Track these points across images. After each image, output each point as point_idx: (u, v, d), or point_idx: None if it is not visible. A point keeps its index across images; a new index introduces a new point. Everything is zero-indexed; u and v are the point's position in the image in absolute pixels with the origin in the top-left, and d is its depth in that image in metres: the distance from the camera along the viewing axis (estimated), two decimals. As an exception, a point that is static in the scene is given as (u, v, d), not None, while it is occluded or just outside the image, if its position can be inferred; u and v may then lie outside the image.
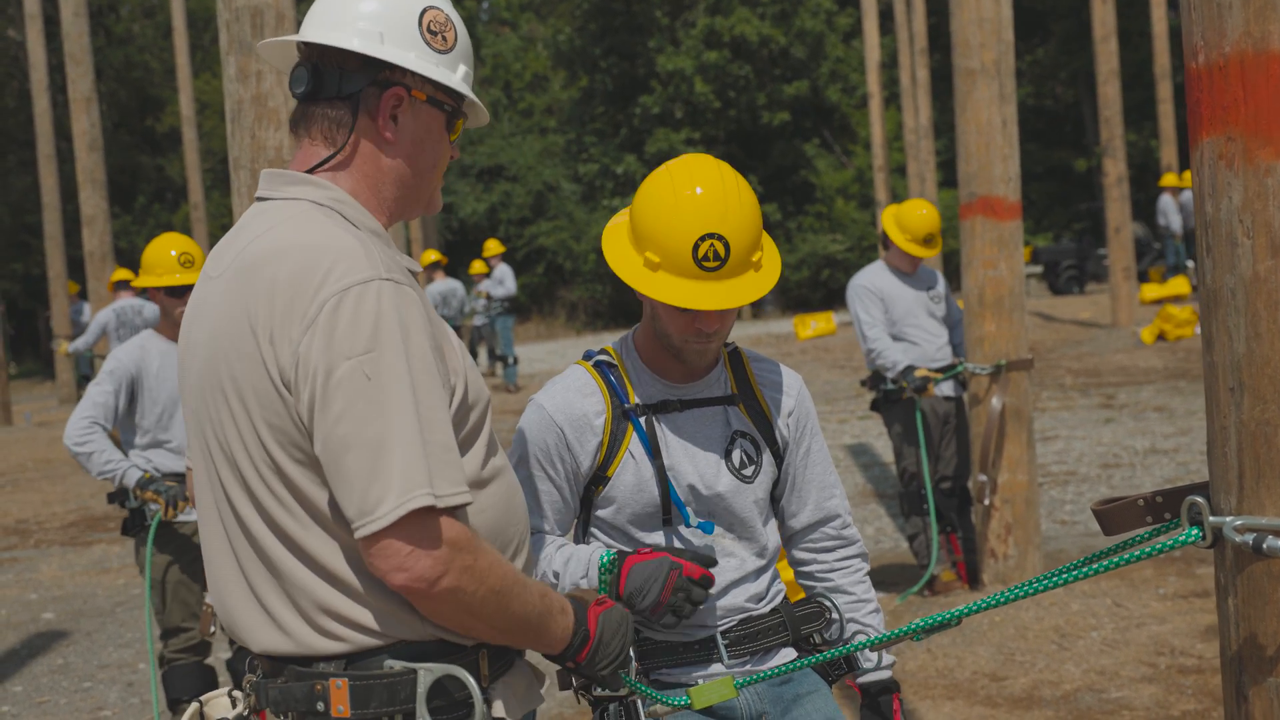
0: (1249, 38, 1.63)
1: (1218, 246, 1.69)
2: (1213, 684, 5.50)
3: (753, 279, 2.61)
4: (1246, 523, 1.67)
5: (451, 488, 1.88)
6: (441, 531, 1.87)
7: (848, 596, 2.84)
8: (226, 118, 5.03)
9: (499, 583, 1.94)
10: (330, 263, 1.92)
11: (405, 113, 2.10)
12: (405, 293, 1.94)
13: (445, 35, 2.12)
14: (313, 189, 2.07)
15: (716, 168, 2.62)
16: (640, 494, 2.65)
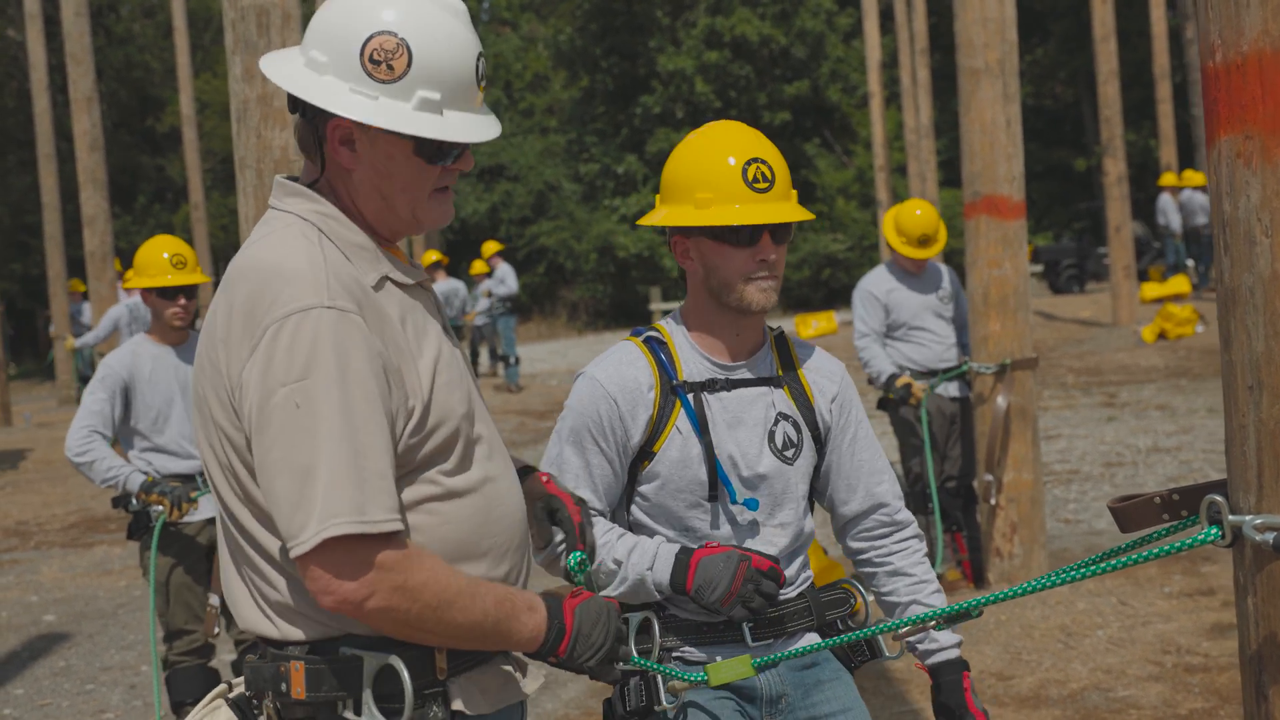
0: (1267, 36, 1.63)
1: (1236, 245, 1.69)
2: (1219, 682, 5.51)
3: (796, 205, 2.72)
4: (1266, 521, 1.67)
5: (381, 514, 1.95)
6: (367, 555, 1.95)
7: (908, 579, 2.84)
8: (232, 117, 5.02)
9: (436, 598, 2.00)
10: (279, 287, 1.99)
11: (361, 140, 2.09)
12: (347, 320, 1.98)
13: (392, 64, 2.04)
14: (305, 202, 2.14)
15: (738, 123, 2.77)
16: (685, 470, 2.66)
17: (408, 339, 2.08)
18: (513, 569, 2.21)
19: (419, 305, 2.17)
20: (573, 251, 34.45)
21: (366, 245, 2.12)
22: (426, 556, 2.03)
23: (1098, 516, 8.68)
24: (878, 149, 25.40)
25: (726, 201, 2.63)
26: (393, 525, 1.96)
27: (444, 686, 2.10)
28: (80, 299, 22.29)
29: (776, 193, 2.66)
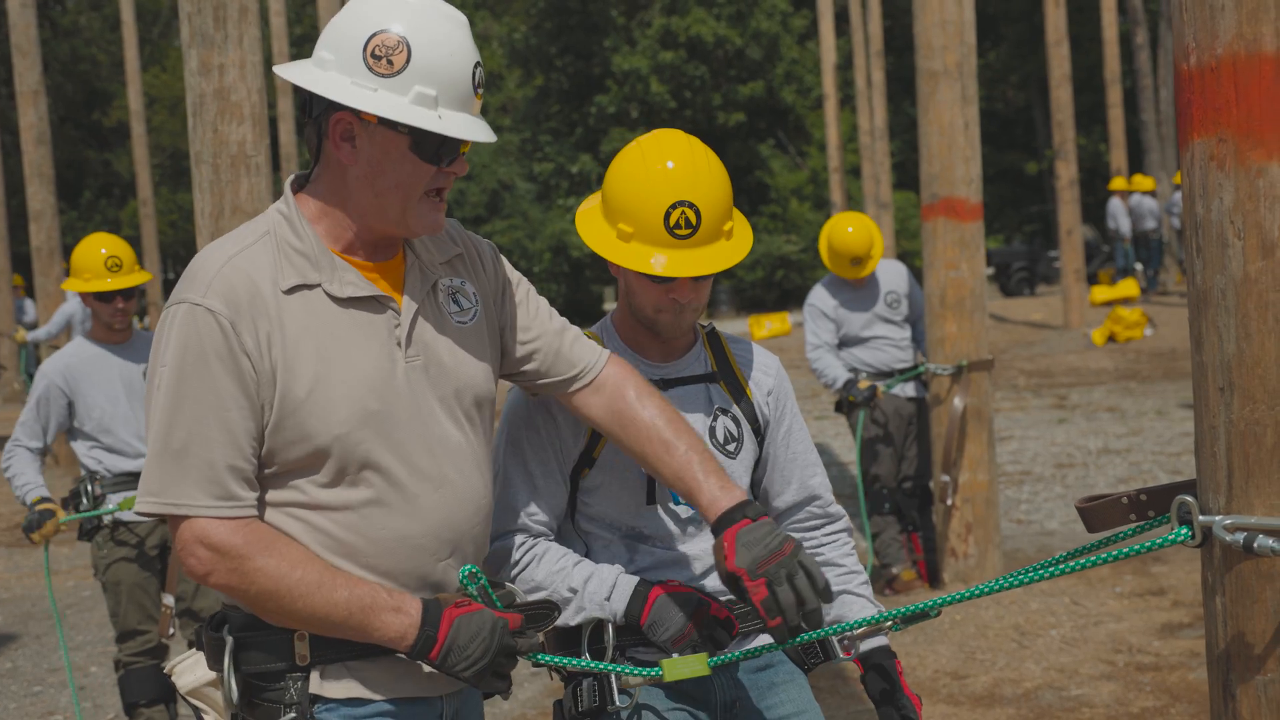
0: (1241, 39, 1.64)
1: (1208, 247, 1.70)
2: (1170, 681, 5.56)
3: (724, 247, 2.63)
4: (1236, 521, 1.68)
5: (201, 499, 2.13)
6: (203, 535, 2.13)
7: (838, 569, 2.85)
8: (188, 111, 4.97)
9: (273, 585, 2.13)
10: (184, 279, 2.20)
11: (360, 135, 2.20)
12: (208, 318, 2.12)
13: (392, 59, 2.16)
14: (279, 205, 2.28)
15: (686, 141, 2.65)
16: (625, 474, 2.63)
17: (290, 349, 2.16)
18: (409, 570, 2.27)
19: (350, 320, 2.22)
20: (526, 251, 34.41)
21: (308, 252, 2.22)
22: (280, 544, 2.15)
23: (1049, 517, 8.74)
24: (832, 151, 25.49)
25: (644, 241, 2.58)
26: (221, 511, 2.12)
27: (305, 671, 2.21)
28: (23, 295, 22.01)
29: (700, 237, 2.58)
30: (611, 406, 2.46)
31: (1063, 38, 19.16)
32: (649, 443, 2.43)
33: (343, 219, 2.25)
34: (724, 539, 2.30)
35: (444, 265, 2.38)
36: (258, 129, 4.97)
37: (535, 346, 2.46)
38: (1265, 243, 1.64)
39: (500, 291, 2.46)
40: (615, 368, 2.50)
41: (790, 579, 2.24)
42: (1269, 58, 1.62)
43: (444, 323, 2.32)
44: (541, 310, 2.50)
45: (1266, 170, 1.63)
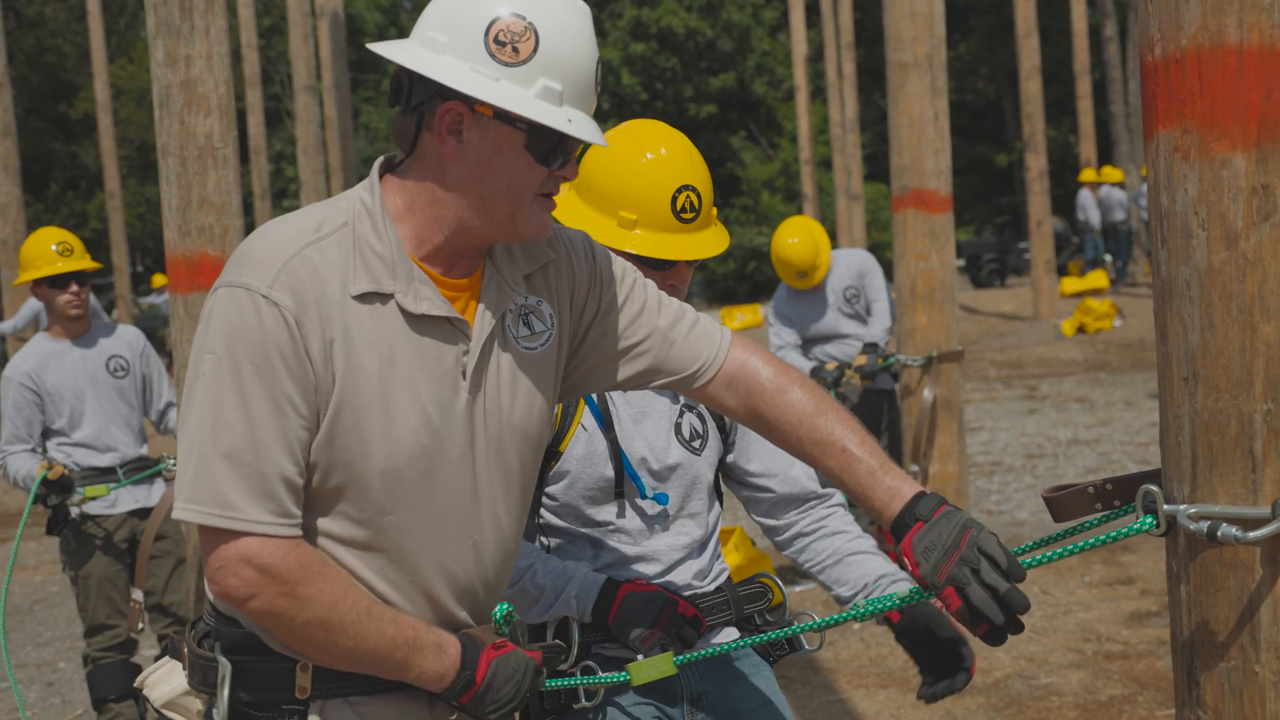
0: (1206, 31, 1.64)
1: (1173, 238, 1.71)
2: (1138, 669, 5.60)
3: (716, 233, 2.67)
4: (1200, 510, 1.69)
5: (257, 514, 1.89)
6: (250, 553, 1.90)
7: (845, 534, 2.80)
8: (154, 103, 4.93)
9: (323, 615, 1.93)
10: (240, 259, 1.95)
11: (470, 129, 1.96)
12: (263, 307, 1.89)
13: (518, 46, 1.93)
14: (364, 191, 2.04)
15: (667, 128, 2.68)
16: (592, 468, 2.60)
17: (353, 363, 1.95)
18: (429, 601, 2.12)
19: (418, 341, 1.99)
20: (497, 242, 34.31)
21: (386, 255, 1.98)
22: (329, 570, 1.95)
23: (1019, 508, 8.79)
24: (803, 143, 25.52)
25: (650, 228, 2.58)
26: (274, 529, 1.90)
27: (304, 705, 2.04)
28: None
29: (701, 221, 2.62)
30: (750, 405, 2.22)
31: (1032, 30, 19.24)
32: (801, 443, 2.19)
33: (433, 221, 2.01)
34: (904, 553, 2.08)
35: (528, 279, 2.14)
36: (225, 121, 4.94)
37: (643, 349, 2.23)
38: (1229, 233, 1.65)
39: (595, 291, 2.22)
40: (743, 353, 2.25)
41: (976, 574, 1.95)
42: (1232, 49, 1.63)
43: (511, 350, 2.09)
44: (649, 304, 2.25)
45: (1230, 161, 1.64)
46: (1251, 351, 1.65)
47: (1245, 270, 1.65)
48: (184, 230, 4.93)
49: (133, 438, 5.63)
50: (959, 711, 5.33)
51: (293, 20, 19.11)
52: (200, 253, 4.92)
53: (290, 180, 34.93)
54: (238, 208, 5.01)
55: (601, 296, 2.22)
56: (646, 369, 2.25)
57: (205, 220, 4.92)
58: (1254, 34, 1.62)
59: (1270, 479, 1.66)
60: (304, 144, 18.85)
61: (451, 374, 2.02)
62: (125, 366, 5.63)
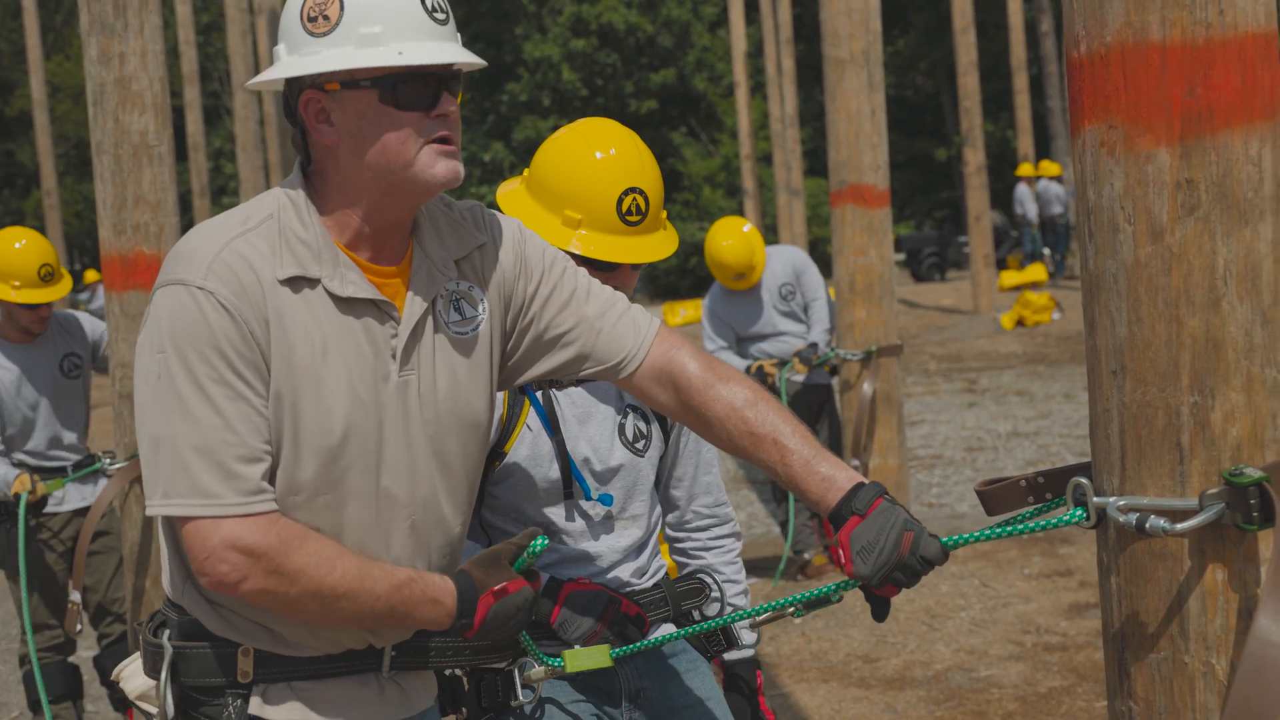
0: (1129, 28, 1.66)
1: (1100, 232, 1.72)
2: (1077, 660, 5.65)
3: (664, 236, 2.67)
4: (1129, 503, 1.70)
5: (233, 496, 1.95)
6: (233, 539, 1.94)
7: (719, 575, 2.85)
8: (88, 101, 4.89)
9: (316, 585, 1.98)
10: (171, 260, 2.02)
11: (333, 109, 2.03)
12: (202, 300, 1.96)
13: (326, 14, 2.01)
14: (286, 187, 2.11)
15: (623, 129, 2.67)
16: (537, 468, 2.59)
17: (285, 346, 2.00)
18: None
19: (347, 323, 2.04)
20: (439, 239, 34.17)
21: (311, 242, 2.04)
22: (312, 539, 2.00)
23: (960, 500, 8.85)
24: (743, 138, 25.59)
25: (595, 229, 2.57)
26: (253, 507, 1.95)
27: (247, 689, 2.08)
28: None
29: (647, 224, 2.61)
30: (681, 400, 2.23)
31: (969, 25, 19.39)
32: (734, 436, 2.19)
33: (347, 205, 2.07)
34: (840, 542, 2.09)
35: (458, 264, 2.19)
36: (160, 118, 4.90)
37: (570, 337, 2.26)
38: (1154, 228, 1.67)
39: (524, 279, 2.25)
40: (671, 348, 2.26)
41: (915, 578, 2.03)
42: (1155, 46, 1.65)
43: (443, 334, 2.14)
44: (578, 292, 2.27)
45: (1155, 156, 1.66)
46: (1178, 344, 1.67)
47: (1171, 264, 1.67)
48: (119, 228, 4.88)
49: (80, 435, 5.59)
50: (899, 705, 5.36)
51: (231, 17, 18.94)
52: (136, 251, 4.88)
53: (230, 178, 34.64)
54: (173, 205, 4.97)
55: (529, 284, 2.25)
56: (574, 357, 2.27)
57: (140, 218, 4.88)
58: (1176, 30, 1.64)
59: (1197, 471, 1.68)
60: (243, 141, 18.70)
61: (382, 356, 2.07)
62: (79, 364, 5.59)
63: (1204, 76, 1.64)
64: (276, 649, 2.09)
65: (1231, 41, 1.64)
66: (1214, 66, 1.64)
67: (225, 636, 2.08)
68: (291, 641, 2.09)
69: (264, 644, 2.09)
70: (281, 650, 2.09)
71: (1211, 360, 1.66)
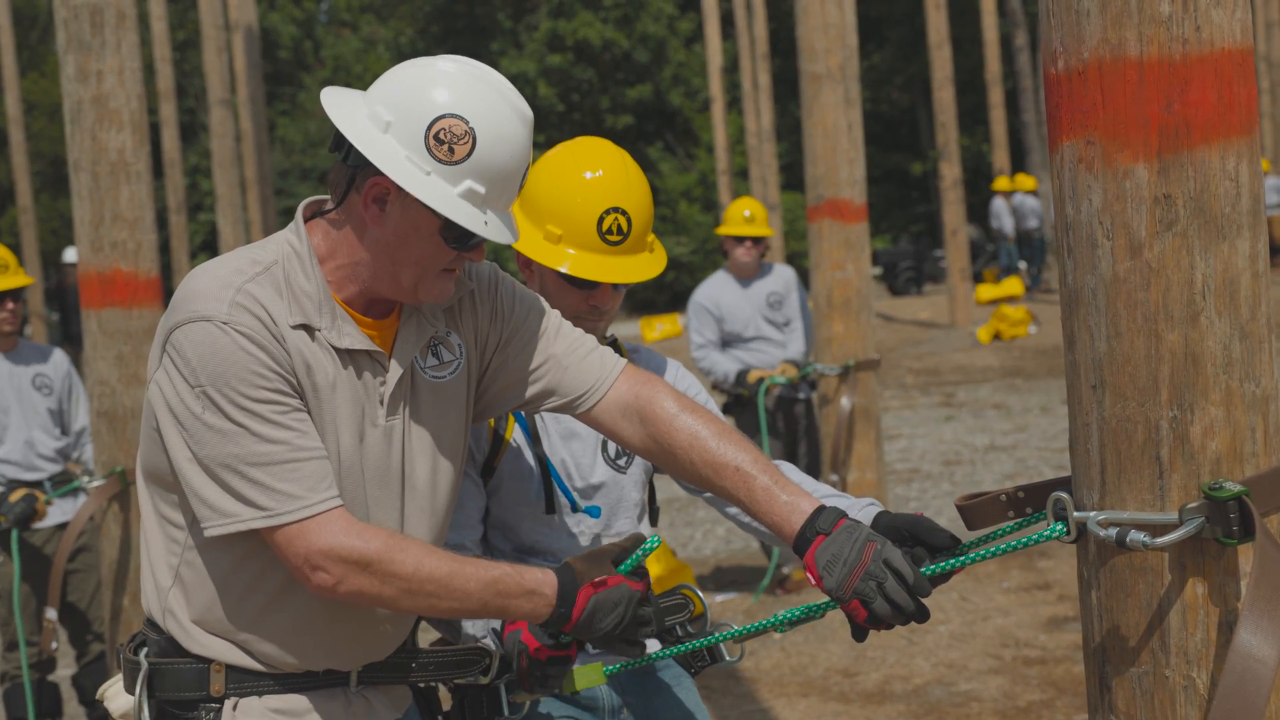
0: (1107, 44, 1.67)
1: (1079, 248, 1.73)
2: (1056, 674, 5.66)
3: (649, 259, 2.69)
4: (1109, 517, 1.71)
5: (318, 495, 2.04)
6: (326, 546, 2.03)
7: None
8: (65, 119, 4.87)
9: (408, 585, 2.07)
10: (185, 300, 2.07)
11: (394, 202, 2.10)
12: (233, 333, 2.02)
13: (455, 147, 2.06)
14: (290, 235, 2.18)
15: (615, 149, 2.69)
16: (520, 483, 2.61)
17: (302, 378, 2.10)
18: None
19: (341, 372, 2.13)
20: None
21: (313, 294, 2.12)
22: (400, 541, 2.08)
23: (938, 514, 8.87)
24: (719, 153, 25.62)
25: (576, 246, 2.59)
26: (331, 503, 2.04)
27: (220, 703, 2.16)
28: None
29: (629, 245, 2.63)
30: (647, 431, 2.29)
31: (944, 40, 19.47)
32: (695, 466, 2.25)
33: (350, 270, 2.16)
34: (806, 565, 2.11)
35: (446, 313, 2.28)
36: (137, 136, 4.90)
37: (540, 373, 2.34)
38: (1133, 243, 1.68)
39: (498, 322, 2.34)
40: (637, 385, 2.33)
41: (881, 588, 2.03)
42: (1133, 62, 1.66)
43: (418, 380, 2.23)
44: (547, 330, 2.36)
45: (1133, 172, 1.67)
46: (1157, 359, 1.68)
47: (1150, 279, 1.68)
48: (97, 246, 4.87)
49: (56, 452, 5.57)
50: (879, 718, 5.36)
51: (207, 34, 18.90)
52: (113, 268, 4.87)
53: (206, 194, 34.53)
54: (151, 223, 4.96)
55: (504, 327, 2.34)
56: (540, 392, 2.35)
57: (118, 236, 4.87)
58: (1154, 47, 1.65)
59: (1177, 485, 1.68)
60: (219, 158, 18.64)
61: (371, 404, 2.18)
62: (50, 385, 5.60)
63: (1181, 92, 1.66)
64: (248, 665, 2.17)
65: (1208, 58, 1.66)
66: (1191, 82, 1.66)
67: (199, 654, 2.16)
68: (261, 660, 2.17)
69: (236, 661, 2.17)
70: (252, 666, 2.17)
71: (1190, 375, 1.67)
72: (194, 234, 30.75)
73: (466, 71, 2.11)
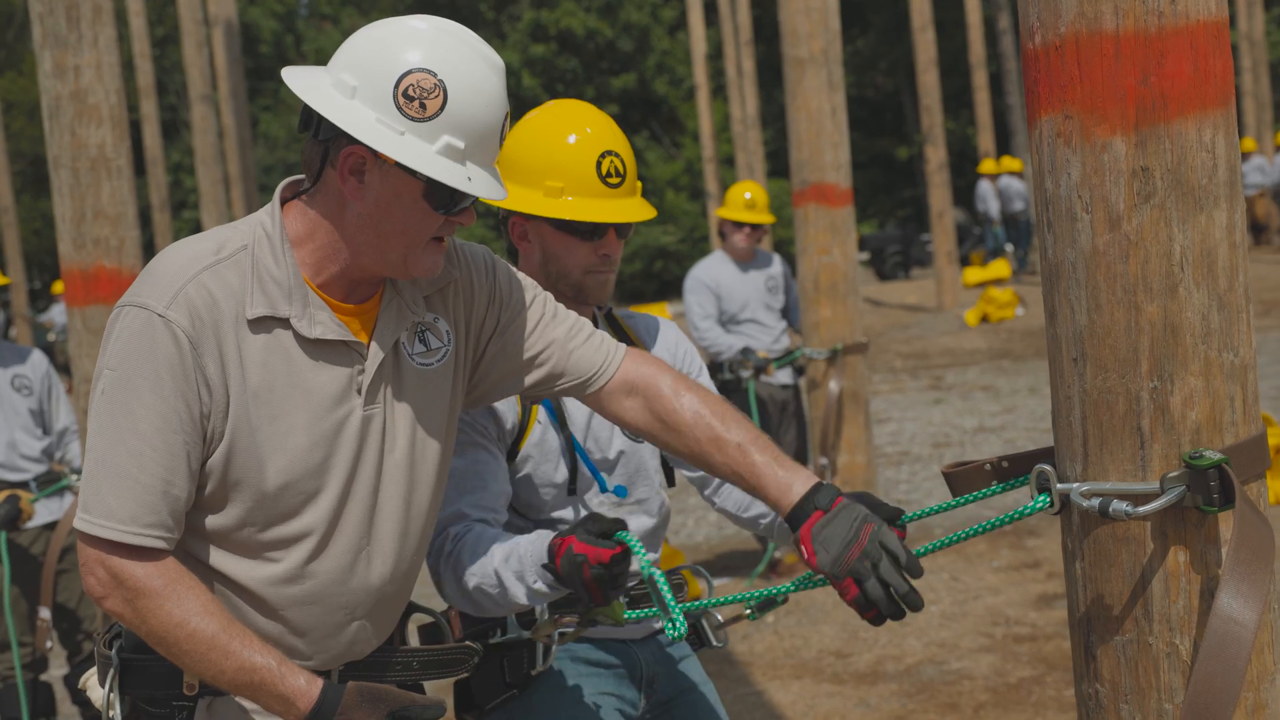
0: (1083, 18, 1.68)
1: (1058, 222, 1.74)
2: (1046, 651, 5.69)
3: (644, 202, 2.71)
4: (1092, 488, 1.72)
5: (130, 526, 1.96)
6: (110, 558, 1.98)
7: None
8: (44, 115, 4.86)
9: (164, 632, 1.98)
10: (141, 278, 2.03)
11: (372, 172, 2.02)
12: (158, 328, 1.96)
13: (426, 102, 1.98)
14: (265, 216, 2.10)
15: (586, 104, 2.72)
16: (546, 463, 2.60)
17: (247, 385, 2.01)
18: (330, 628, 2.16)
19: (313, 363, 2.06)
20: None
21: (283, 281, 2.04)
22: (184, 589, 1.99)
23: (928, 496, 8.90)
24: (705, 140, 25.63)
25: (578, 194, 2.60)
26: (145, 539, 1.96)
27: (193, 701, 2.12)
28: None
29: (627, 188, 2.65)
30: (650, 409, 2.27)
31: (928, 23, 19.47)
32: (697, 443, 2.23)
33: (331, 252, 2.07)
34: (801, 540, 2.10)
35: (427, 299, 2.21)
36: (117, 131, 4.88)
37: (544, 358, 2.29)
38: (1111, 216, 1.69)
39: (495, 308, 2.28)
40: (639, 364, 2.31)
41: (876, 569, 2.01)
42: (1109, 36, 1.67)
43: (406, 367, 2.16)
44: (545, 315, 2.31)
45: (1111, 145, 1.68)
46: (1137, 331, 1.69)
47: (1128, 251, 1.69)
48: (79, 243, 4.86)
49: (40, 452, 5.56)
50: (872, 699, 5.39)
51: (186, 29, 18.84)
52: (96, 265, 4.86)
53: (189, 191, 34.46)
54: (133, 219, 4.95)
55: (501, 312, 2.28)
56: (547, 376, 2.30)
57: (100, 232, 4.86)
58: (1129, 20, 1.66)
59: (1158, 455, 1.70)
60: (202, 154, 18.59)
61: (346, 394, 2.09)
62: (29, 386, 5.58)
63: (1157, 65, 1.66)
64: None
65: (1183, 30, 1.66)
66: (1167, 55, 1.66)
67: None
68: None
69: None
70: None
71: (1170, 345, 1.68)
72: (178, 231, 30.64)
73: (430, 25, 2.04)
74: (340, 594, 2.14)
